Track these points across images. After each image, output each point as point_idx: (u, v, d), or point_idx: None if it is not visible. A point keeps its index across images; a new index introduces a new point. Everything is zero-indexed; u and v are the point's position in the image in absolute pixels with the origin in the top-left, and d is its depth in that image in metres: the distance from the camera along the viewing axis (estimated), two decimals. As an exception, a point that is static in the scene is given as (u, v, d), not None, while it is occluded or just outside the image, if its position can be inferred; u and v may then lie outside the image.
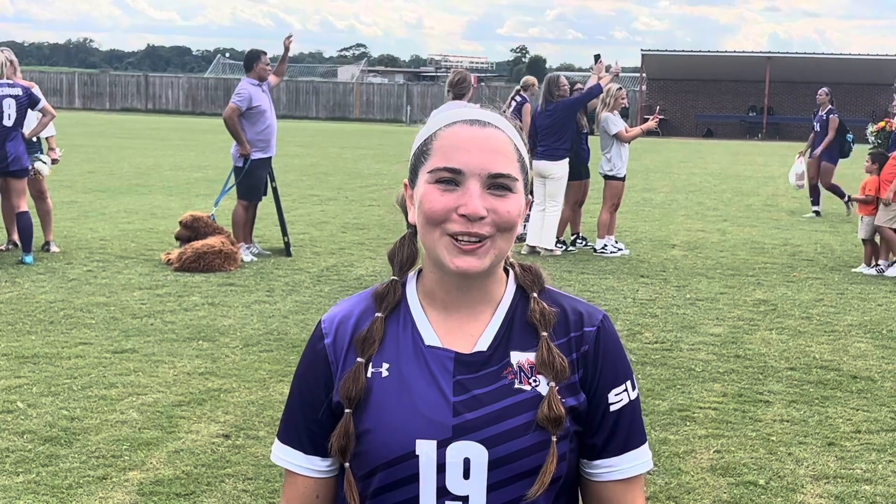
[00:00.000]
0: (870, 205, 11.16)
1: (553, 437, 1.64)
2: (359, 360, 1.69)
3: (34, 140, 10.76)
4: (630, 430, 1.73)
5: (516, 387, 1.66)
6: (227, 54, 78.39)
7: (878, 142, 14.87)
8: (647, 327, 8.17)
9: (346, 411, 1.67)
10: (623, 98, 12.42)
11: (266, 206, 11.72)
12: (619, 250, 11.99)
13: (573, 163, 11.95)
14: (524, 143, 1.73)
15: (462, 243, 1.62)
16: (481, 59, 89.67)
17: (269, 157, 11.12)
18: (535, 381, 1.66)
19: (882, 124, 15.18)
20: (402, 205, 1.78)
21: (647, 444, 1.77)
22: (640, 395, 1.79)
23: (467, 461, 1.62)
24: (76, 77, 57.93)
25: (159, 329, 7.69)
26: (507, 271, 1.77)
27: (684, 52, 51.51)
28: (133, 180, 18.94)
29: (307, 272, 10.20)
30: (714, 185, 21.77)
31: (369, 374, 1.69)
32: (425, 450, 1.63)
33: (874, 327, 8.42)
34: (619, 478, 1.73)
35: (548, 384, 1.66)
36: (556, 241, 11.93)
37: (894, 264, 10.94)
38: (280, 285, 9.49)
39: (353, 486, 1.68)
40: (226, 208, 11.93)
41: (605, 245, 11.97)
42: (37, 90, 10.36)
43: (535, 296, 1.73)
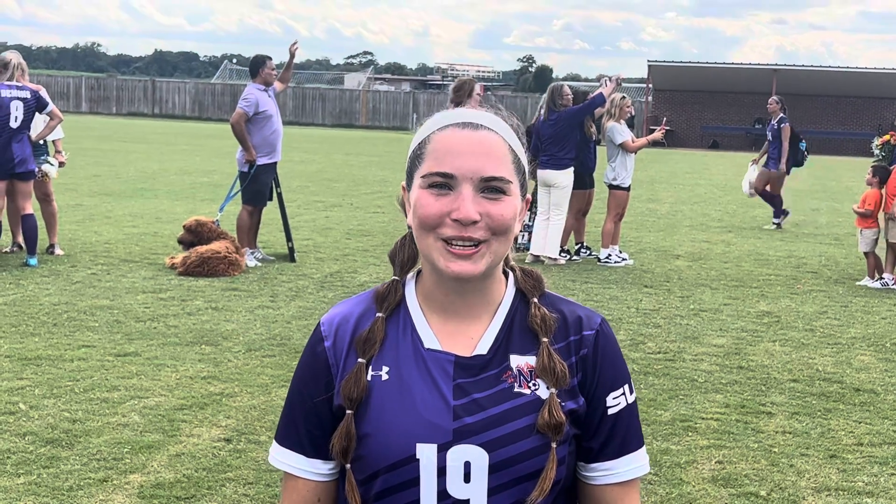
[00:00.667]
0: (869, 218, 11.15)
1: (553, 443, 1.64)
2: (360, 360, 1.69)
3: (41, 143, 10.78)
4: (627, 433, 1.73)
5: (516, 390, 1.66)
6: (234, 60, 78.63)
7: (883, 154, 14.83)
8: (650, 337, 8.17)
9: (348, 412, 1.67)
10: (629, 107, 12.44)
11: (271, 211, 11.73)
12: (623, 260, 11.99)
13: (578, 171, 11.96)
14: (522, 142, 1.72)
15: (456, 248, 1.62)
16: (488, 67, 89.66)
17: (275, 163, 11.14)
18: (534, 384, 1.66)
19: (887, 137, 15.13)
20: (402, 205, 1.78)
21: (645, 448, 1.77)
22: (637, 399, 1.79)
23: (468, 465, 1.62)
24: (83, 81, 58.07)
25: (162, 333, 7.70)
26: (506, 274, 1.76)
27: (691, 63, 51.54)
28: (139, 184, 18.97)
29: (311, 278, 10.20)
30: (719, 197, 21.77)
31: (369, 378, 1.68)
32: (426, 453, 1.62)
33: (878, 340, 8.40)
34: (616, 481, 1.72)
35: (548, 390, 1.66)
36: (560, 250, 11.93)
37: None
38: (284, 291, 9.50)
39: (355, 487, 1.68)
40: (230, 213, 11.95)
41: (609, 255, 11.97)
42: (44, 93, 10.39)
43: (536, 301, 1.73)
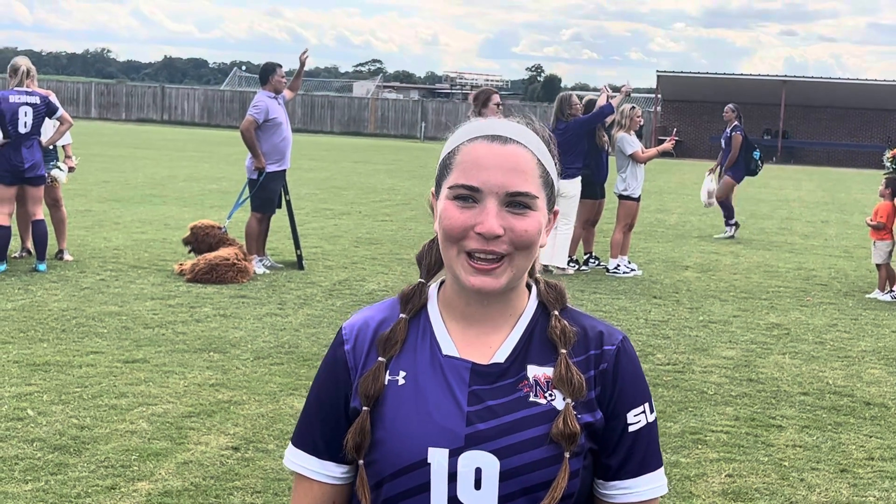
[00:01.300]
0: (882, 230, 11.12)
1: (566, 453, 1.63)
2: (380, 359, 1.70)
3: (50, 148, 10.80)
4: (647, 452, 1.72)
5: (531, 399, 1.65)
6: (244, 67, 78.65)
7: (894, 167, 14.79)
8: (659, 349, 8.14)
9: (364, 408, 1.67)
10: (639, 117, 12.43)
11: (279, 218, 11.73)
12: (632, 271, 11.96)
13: (590, 181, 11.94)
14: (552, 154, 1.72)
15: (478, 262, 1.62)
16: (496, 76, 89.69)
17: (284, 171, 11.14)
18: (550, 395, 1.66)
19: (899, 149, 15.10)
20: (432, 208, 1.77)
21: (663, 468, 1.76)
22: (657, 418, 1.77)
23: (479, 471, 1.62)
24: (93, 87, 58.20)
25: (171, 340, 7.69)
26: (530, 286, 1.76)
27: (700, 73, 51.46)
28: (148, 191, 19.00)
29: (319, 286, 10.19)
30: (728, 208, 21.70)
31: (386, 381, 1.69)
32: (437, 458, 1.62)
33: (888, 354, 8.36)
34: (634, 500, 1.72)
35: (564, 400, 1.65)
36: (569, 259, 11.91)
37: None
38: (292, 298, 9.49)
39: (366, 483, 1.68)
40: (239, 220, 11.95)
41: (618, 265, 11.94)
42: (53, 98, 10.41)
43: (557, 313, 1.72)
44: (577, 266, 12.17)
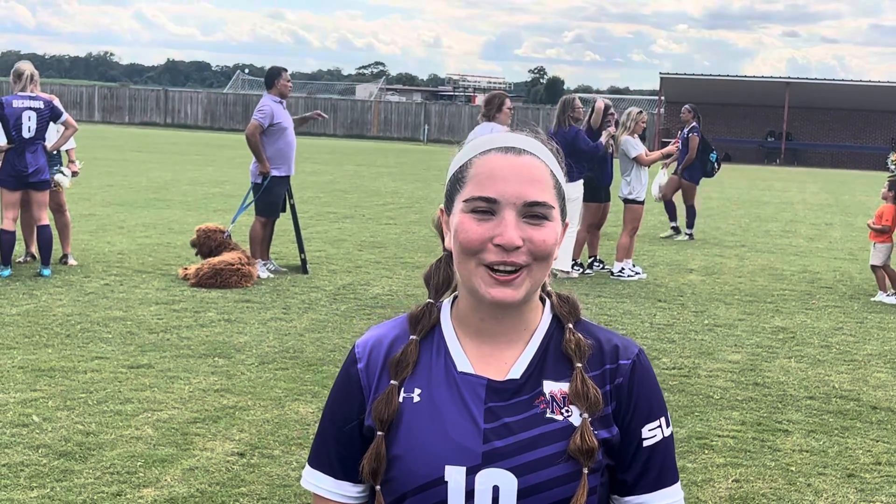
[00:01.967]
0: (885, 234, 11.10)
1: (584, 469, 1.61)
2: (392, 382, 1.68)
3: (54, 153, 10.80)
4: (663, 467, 1.71)
5: (548, 416, 1.64)
6: (247, 70, 78.80)
7: (898, 169, 14.77)
8: (664, 353, 8.12)
9: (379, 433, 1.66)
10: (643, 122, 12.43)
11: (283, 222, 11.73)
12: (637, 274, 11.94)
13: (594, 185, 11.93)
14: (561, 167, 1.71)
15: (498, 274, 1.61)
16: (499, 78, 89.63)
17: (288, 175, 11.13)
18: (567, 411, 1.65)
19: (902, 152, 15.08)
20: (439, 228, 1.77)
21: (680, 483, 1.74)
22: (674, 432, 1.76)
23: (496, 489, 1.60)
24: (96, 90, 58.29)
25: (175, 345, 7.68)
26: (543, 300, 1.75)
27: (703, 76, 51.47)
28: (151, 194, 19.01)
29: (323, 290, 10.18)
30: (732, 210, 21.70)
31: (401, 399, 1.67)
32: (454, 476, 1.61)
33: (894, 357, 8.34)
34: None
35: (581, 415, 1.64)
36: (573, 263, 11.89)
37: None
38: (296, 303, 9.48)
39: None
40: (243, 224, 11.94)
41: (623, 269, 11.92)
42: (57, 103, 10.41)
43: (571, 326, 1.71)
44: (581, 269, 12.16)
